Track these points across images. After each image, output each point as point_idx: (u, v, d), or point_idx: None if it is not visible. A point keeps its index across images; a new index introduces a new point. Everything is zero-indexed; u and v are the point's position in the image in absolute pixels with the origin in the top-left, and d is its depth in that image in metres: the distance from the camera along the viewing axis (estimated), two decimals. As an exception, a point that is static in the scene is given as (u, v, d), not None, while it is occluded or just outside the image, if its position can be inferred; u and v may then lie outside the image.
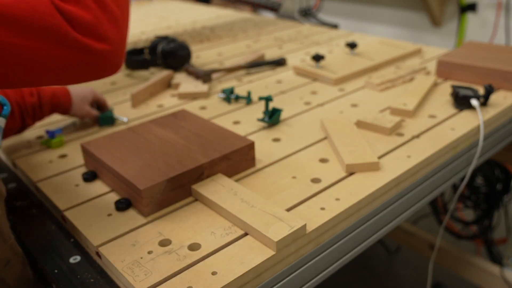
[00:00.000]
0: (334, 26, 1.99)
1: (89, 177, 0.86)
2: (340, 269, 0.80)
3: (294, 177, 0.84)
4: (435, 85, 1.24)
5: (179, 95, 1.25)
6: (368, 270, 1.92)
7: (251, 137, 1.00)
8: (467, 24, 2.41)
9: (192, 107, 1.18)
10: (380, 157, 0.90)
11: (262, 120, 1.04)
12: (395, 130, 0.99)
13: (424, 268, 1.91)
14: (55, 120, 1.13)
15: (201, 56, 1.60)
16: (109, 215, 0.76)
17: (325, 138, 0.99)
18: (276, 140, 0.99)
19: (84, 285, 0.66)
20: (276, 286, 0.68)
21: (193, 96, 1.25)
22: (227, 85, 1.33)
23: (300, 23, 2.04)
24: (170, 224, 0.73)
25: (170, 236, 0.70)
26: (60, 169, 0.92)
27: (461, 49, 1.36)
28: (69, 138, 1.04)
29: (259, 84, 1.33)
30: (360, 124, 1.02)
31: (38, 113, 0.97)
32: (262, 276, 0.65)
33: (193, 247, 0.68)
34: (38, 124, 1.08)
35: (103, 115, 1.08)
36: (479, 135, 1.02)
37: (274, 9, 2.20)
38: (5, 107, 0.68)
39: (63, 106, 1.01)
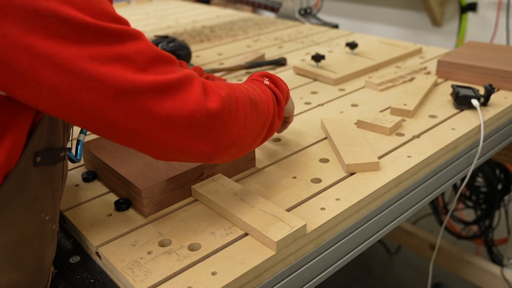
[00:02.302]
0: (334, 26, 1.99)
1: (89, 177, 0.86)
2: (340, 269, 0.80)
3: (294, 177, 0.84)
4: (435, 85, 1.24)
5: (179, 95, 1.24)
6: (368, 270, 1.92)
7: (251, 137, 1.00)
8: (467, 24, 2.41)
9: (192, 107, 1.18)
10: (380, 157, 0.90)
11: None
12: (395, 130, 0.99)
13: (424, 268, 1.91)
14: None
15: (201, 56, 1.60)
16: (109, 215, 0.76)
17: (325, 138, 0.99)
18: (276, 140, 0.99)
19: (84, 285, 0.66)
20: (276, 286, 0.68)
21: (193, 96, 1.24)
22: (227, 85, 1.32)
23: (300, 23, 2.04)
24: (170, 224, 0.73)
25: (170, 236, 0.70)
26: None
27: (461, 49, 1.36)
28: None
29: (259, 84, 1.32)
30: (360, 124, 1.02)
31: None
32: (262, 276, 0.65)
33: (193, 247, 0.68)
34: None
35: None
36: (480, 135, 1.02)
37: (274, 9, 2.20)
38: None
39: None
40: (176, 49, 1.41)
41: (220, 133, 0.61)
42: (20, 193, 0.57)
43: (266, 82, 0.77)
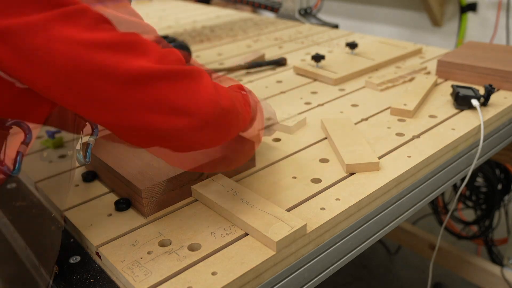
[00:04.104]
0: (334, 26, 1.99)
1: (89, 177, 0.86)
2: (340, 269, 0.80)
3: (294, 177, 0.84)
4: (435, 85, 1.24)
5: (179, 95, 1.24)
6: (368, 270, 1.92)
7: (251, 137, 0.99)
8: (467, 24, 2.41)
9: (192, 107, 1.18)
10: (380, 157, 0.90)
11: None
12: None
13: (424, 268, 1.91)
14: (55, 120, 1.13)
15: (201, 56, 1.60)
16: (109, 215, 0.76)
17: (325, 138, 0.99)
18: (276, 140, 0.99)
19: (84, 285, 0.66)
20: (276, 286, 0.68)
21: (193, 96, 1.24)
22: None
23: (300, 23, 2.04)
24: (170, 224, 0.73)
25: (170, 236, 0.70)
26: (60, 169, 0.91)
27: (461, 49, 1.36)
28: (69, 138, 1.04)
29: (259, 84, 1.33)
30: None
31: None
32: (262, 276, 0.65)
33: (193, 247, 0.68)
34: (38, 124, 1.08)
35: None
36: (480, 135, 1.02)
37: (274, 9, 2.20)
38: (95, 130, 0.69)
39: None
40: (176, 49, 1.40)
41: (224, 131, 0.63)
42: None
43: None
